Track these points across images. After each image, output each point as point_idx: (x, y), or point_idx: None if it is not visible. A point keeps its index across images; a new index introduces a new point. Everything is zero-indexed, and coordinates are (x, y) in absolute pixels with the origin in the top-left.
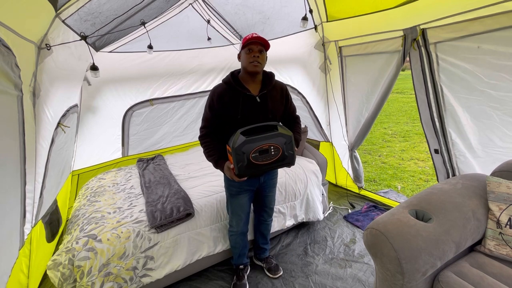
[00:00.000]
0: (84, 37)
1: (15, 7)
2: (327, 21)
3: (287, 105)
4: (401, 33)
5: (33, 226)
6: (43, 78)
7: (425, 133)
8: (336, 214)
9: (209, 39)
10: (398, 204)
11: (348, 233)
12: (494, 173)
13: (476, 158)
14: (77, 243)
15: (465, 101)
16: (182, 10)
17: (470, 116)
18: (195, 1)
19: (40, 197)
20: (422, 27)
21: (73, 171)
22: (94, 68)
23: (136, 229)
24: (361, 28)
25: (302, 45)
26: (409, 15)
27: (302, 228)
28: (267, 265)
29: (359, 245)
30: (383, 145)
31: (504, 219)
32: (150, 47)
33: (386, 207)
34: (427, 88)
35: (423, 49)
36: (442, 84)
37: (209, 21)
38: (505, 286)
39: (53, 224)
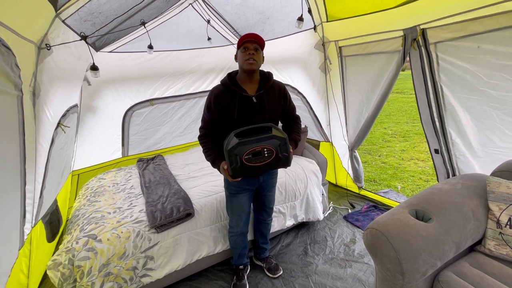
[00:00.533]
0: (84, 37)
1: (15, 7)
2: (327, 21)
3: (285, 104)
4: (401, 33)
5: (33, 226)
6: (43, 78)
7: (425, 133)
8: (336, 214)
9: (209, 39)
10: (398, 204)
11: (348, 233)
12: (494, 173)
13: (476, 158)
14: (77, 243)
15: (465, 101)
16: (182, 10)
17: (470, 116)
18: (195, 1)
19: (40, 197)
20: (422, 27)
21: (73, 171)
22: (94, 68)
23: (136, 229)
24: (361, 28)
25: (302, 45)
26: (409, 15)
27: (302, 228)
28: (267, 265)
29: (359, 245)
30: (383, 145)
31: (504, 219)
32: (150, 47)
33: (386, 207)
34: (427, 88)
35: (423, 49)
36: (442, 84)
37: (209, 21)
38: (505, 286)
39: (53, 224)
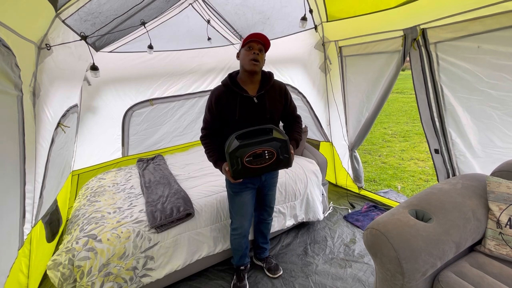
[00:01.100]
0: (84, 37)
1: (15, 7)
2: (327, 21)
3: (286, 104)
4: (401, 33)
5: (33, 226)
6: (43, 78)
7: (425, 133)
8: (336, 214)
9: (209, 39)
10: (398, 204)
11: (348, 233)
12: (494, 173)
13: (476, 158)
14: (77, 243)
15: (465, 101)
16: (182, 10)
17: (470, 116)
18: (195, 1)
19: (40, 197)
20: (422, 27)
21: (73, 171)
22: (94, 68)
23: (136, 229)
24: (361, 28)
25: (302, 45)
26: (409, 15)
27: (302, 228)
28: (267, 265)
29: (359, 245)
30: (383, 145)
31: (504, 219)
32: (150, 47)
33: (386, 207)
34: (427, 88)
35: (423, 49)
36: (442, 84)
37: (209, 21)
38: (505, 286)
39: (53, 224)
